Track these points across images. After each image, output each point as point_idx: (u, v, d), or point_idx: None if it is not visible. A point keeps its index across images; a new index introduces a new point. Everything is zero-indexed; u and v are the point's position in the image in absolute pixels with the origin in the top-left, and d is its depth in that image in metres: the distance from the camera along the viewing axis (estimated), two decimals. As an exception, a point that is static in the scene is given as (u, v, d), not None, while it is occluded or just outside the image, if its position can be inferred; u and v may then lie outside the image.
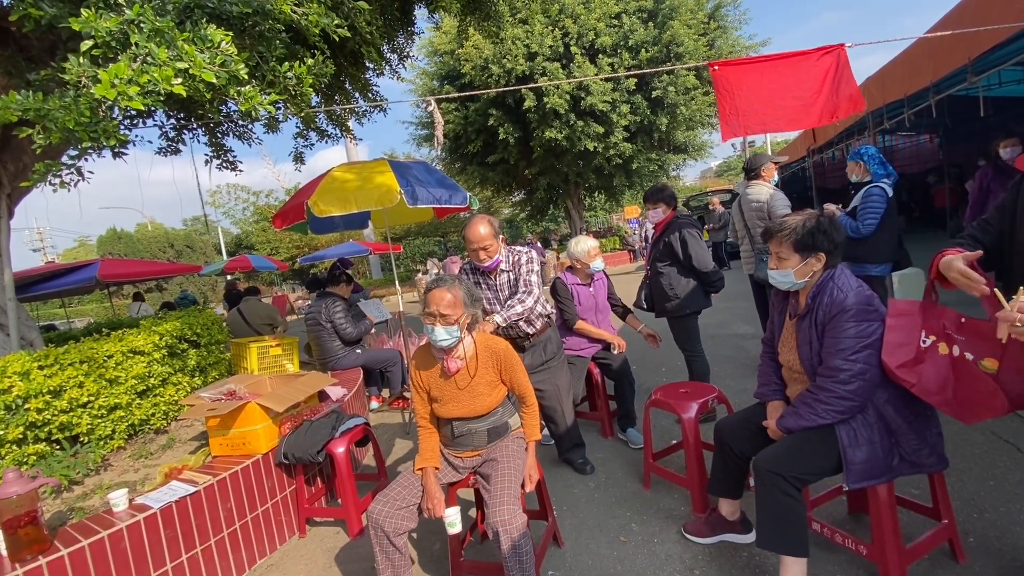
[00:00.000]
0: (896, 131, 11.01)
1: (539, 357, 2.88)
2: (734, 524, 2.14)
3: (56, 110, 2.17)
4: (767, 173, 3.88)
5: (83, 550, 1.94)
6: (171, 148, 4.73)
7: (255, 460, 2.58)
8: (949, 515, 1.87)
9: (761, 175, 3.88)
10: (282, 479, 2.73)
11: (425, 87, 15.45)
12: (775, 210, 3.68)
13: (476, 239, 2.65)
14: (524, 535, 1.77)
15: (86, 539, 1.96)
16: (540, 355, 2.89)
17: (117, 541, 2.02)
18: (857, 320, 1.68)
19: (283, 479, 2.74)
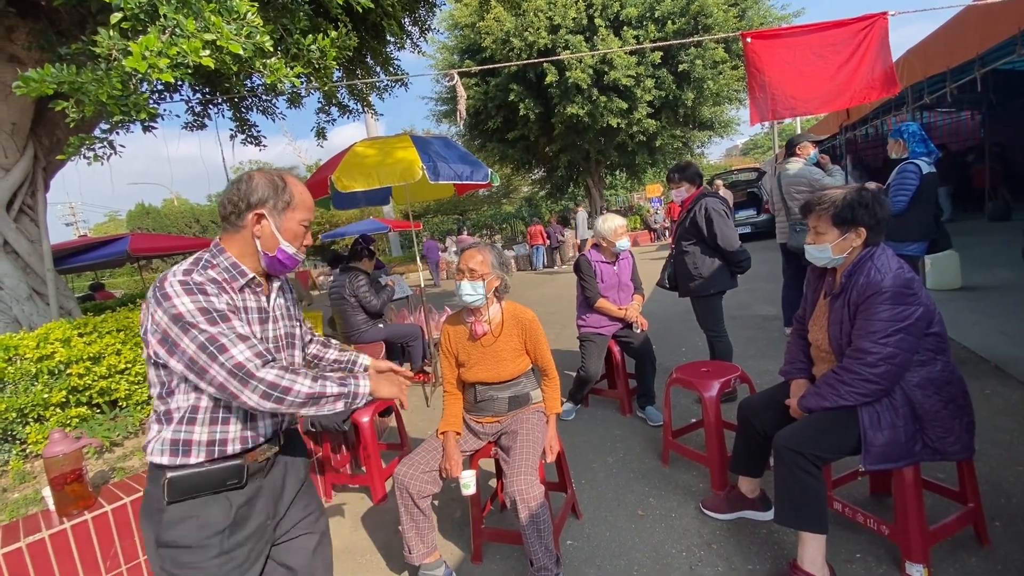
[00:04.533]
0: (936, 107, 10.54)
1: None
2: (753, 501, 2.15)
3: (89, 83, 2.21)
4: (803, 151, 4.17)
5: (125, 507, 2.05)
6: (197, 123, 4.81)
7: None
8: (976, 499, 1.85)
9: (797, 152, 4.17)
10: (309, 446, 2.82)
11: (445, 61, 15.24)
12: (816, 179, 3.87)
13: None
14: (542, 505, 1.81)
15: (128, 496, 2.07)
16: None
17: (156, 499, 2.12)
18: (892, 303, 1.63)
19: (310, 446, 2.83)
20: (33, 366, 2.50)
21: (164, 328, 1.11)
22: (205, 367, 1.10)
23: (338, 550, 2.37)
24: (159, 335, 1.11)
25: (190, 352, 1.10)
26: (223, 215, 1.27)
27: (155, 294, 1.13)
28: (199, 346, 1.10)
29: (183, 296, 1.13)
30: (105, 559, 2.00)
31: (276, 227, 1.28)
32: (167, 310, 1.11)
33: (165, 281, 1.14)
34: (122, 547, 2.03)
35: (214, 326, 1.12)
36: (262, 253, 1.29)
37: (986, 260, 6.00)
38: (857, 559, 1.86)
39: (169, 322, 1.10)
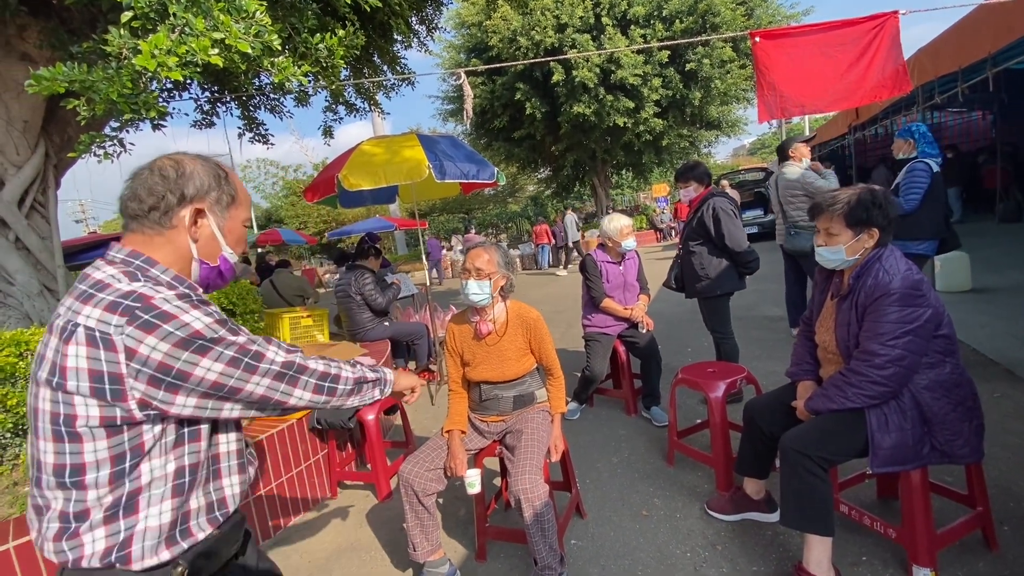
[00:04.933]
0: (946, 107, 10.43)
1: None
2: (759, 503, 2.14)
3: (100, 81, 2.23)
4: (795, 154, 4.16)
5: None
6: (206, 121, 4.84)
7: (289, 425, 2.68)
8: (984, 503, 1.83)
9: (790, 156, 4.17)
10: (315, 444, 2.84)
11: (452, 60, 15.25)
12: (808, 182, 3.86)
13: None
14: (546, 504, 1.81)
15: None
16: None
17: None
18: (901, 305, 1.61)
19: (316, 444, 2.85)
20: (43, 361, 2.53)
21: (161, 362, 0.84)
22: (239, 384, 0.92)
23: (343, 547, 2.40)
24: (149, 373, 0.84)
25: (212, 376, 0.88)
26: (134, 212, 0.96)
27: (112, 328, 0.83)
28: (229, 362, 0.90)
29: (193, 311, 0.88)
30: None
31: (218, 227, 1.03)
32: (169, 334, 0.85)
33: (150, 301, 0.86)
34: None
35: (237, 335, 0.92)
36: (198, 262, 1.01)
37: (997, 262, 5.94)
38: (863, 562, 1.85)
39: (173, 349, 0.85)
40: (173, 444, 0.92)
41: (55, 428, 0.85)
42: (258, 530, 2.48)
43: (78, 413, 0.84)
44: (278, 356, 0.96)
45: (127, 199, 0.97)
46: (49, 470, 0.86)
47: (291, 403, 1.00)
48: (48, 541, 0.87)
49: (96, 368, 0.83)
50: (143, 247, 0.96)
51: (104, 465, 0.86)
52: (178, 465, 0.93)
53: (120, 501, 0.88)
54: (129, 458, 0.87)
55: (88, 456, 0.85)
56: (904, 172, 3.46)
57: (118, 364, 0.83)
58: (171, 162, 0.99)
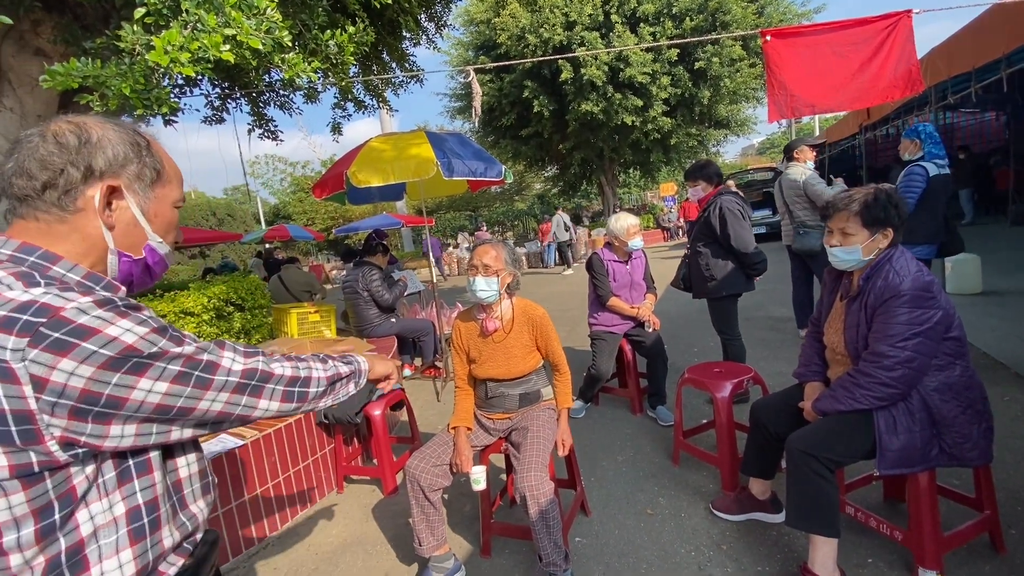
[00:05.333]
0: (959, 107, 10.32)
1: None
2: (764, 504, 2.14)
3: (113, 77, 2.25)
4: (800, 155, 4.17)
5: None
6: (216, 117, 4.88)
7: (296, 419, 2.70)
8: (992, 506, 1.82)
9: (795, 157, 4.18)
10: (322, 438, 2.86)
11: (460, 58, 15.26)
12: (810, 187, 3.90)
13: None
14: (551, 501, 1.82)
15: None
16: None
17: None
18: (911, 306, 1.61)
19: (323, 438, 2.87)
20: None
21: (84, 389, 0.66)
22: (190, 404, 0.75)
23: (349, 541, 2.42)
24: (70, 408, 0.66)
25: (155, 399, 0.71)
26: (22, 192, 0.74)
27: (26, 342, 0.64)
28: (175, 379, 0.72)
29: (121, 320, 0.69)
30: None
31: (141, 210, 0.82)
32: (92, 353, 0.66)
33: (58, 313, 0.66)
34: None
35: (181, 344, 0.74)
36: (116, 255, 0.81)
37: (1008, 264, 5.88)
38: (869, 564, 1.85)
39: (100, 372, 0.66)
40: (117, 482, 0.74)
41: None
42: (265, 523, 2.50)
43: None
44: (235, 364, 0.80)
45: (11, 174, 0.74)
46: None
47: (254, 416, 0.84)
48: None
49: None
50: (38, 238, 0.75)
51: (26, 523, 0.66)
52: (129, 506, 0.75)
53: (59, 561, 0.69)
54: (58, 509, 0.68)
55: (1, 515, 0.65)
56: (902, 175, 3.46)
57: (23, 399, 0.63)
58: (70, 126, 0.77)
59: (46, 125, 0.77)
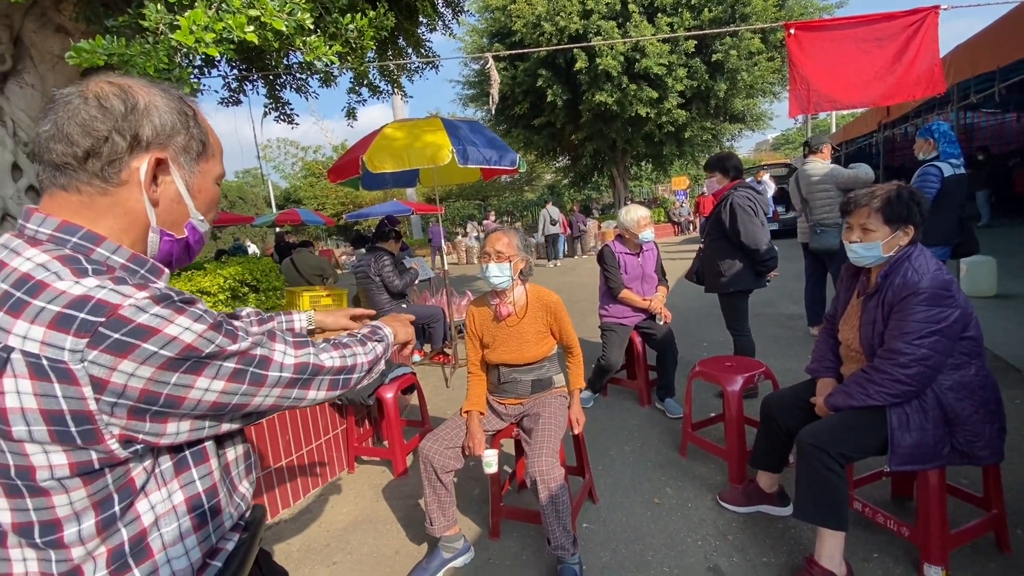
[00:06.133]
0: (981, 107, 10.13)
1: None
2: (771, 496, 2.16)
3: (137, 56, 2.27)
4: (826, 150, 4.13)
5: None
6: (233, 99, 4.89)
7: (310, 399, 2.75)
8: (1000, 506, 1.83)
9: (821, 151, 4.12)
10: (334, 418, 2.91)
11: (475, 44, 15.13)
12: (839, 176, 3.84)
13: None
14: (561, 486, 1.85)
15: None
16: None
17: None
18: (929, 304, 1.60)
19: (335, 419, 2.92)
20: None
21: (144, 389, 0.63)
22: (245, 401, 0.73)
23: (360, 519, 2.47)
24: (128, 407, 0.64)
25: (212, 397, 0.69)
26: (62, 160, 0.68)
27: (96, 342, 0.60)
28: (231, 376, 0.70)
29: (179, 318, 0.65)
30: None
31: (186, 185, 0.77)
32: (152, 355, 0.63)
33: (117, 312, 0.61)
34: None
35: (236, 340, 0.71)
36: (158, 233, 0.76)
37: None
38: (875, 558, 1.87)
39: (159, 372, 0.64)
40: (174, 472, 0.73)
41: (6, 482, 0.63)
42: (278, 499, 2.56)
43: (35, 464, 0.62)
44: (287, 358, 0.78)
45: (48, 138, 0.68)
46: (12, 531, 0.65)
47: (302, 406, 0.83)
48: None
49: (52, 407, 0.60)
50: (78, 215, 0.69)
51: (86, 516, 0.65)
52: (188, 494, 0.74)
53: (122, 551, 0.68)
54: (118, 501, 0.67)
55: (62, 511, 0.64)
56: (916, 175, 3.42)
57: (83, 400, 0.61)
58: (114, 88, 0.70)
59: (85, 85, 0.69)
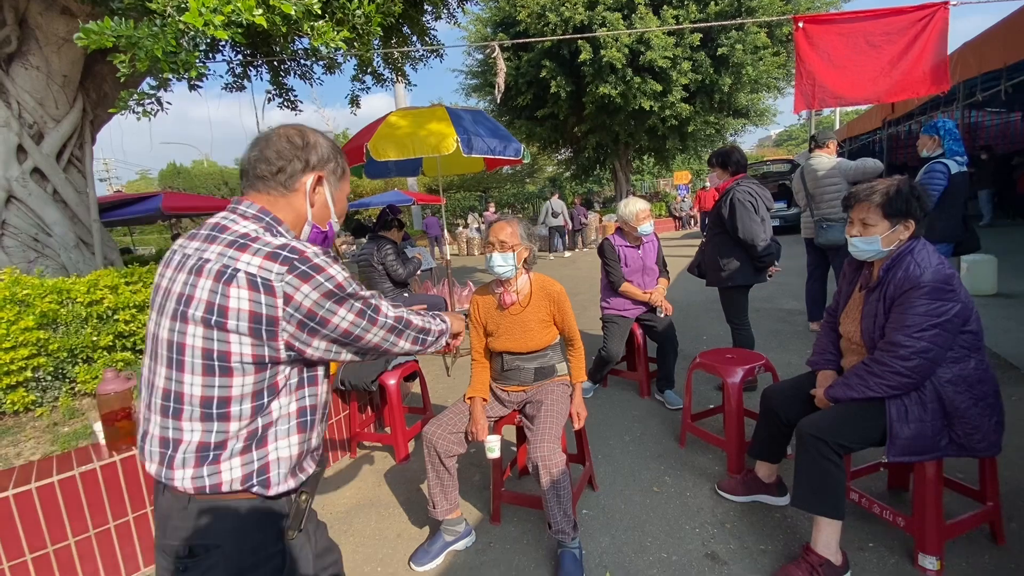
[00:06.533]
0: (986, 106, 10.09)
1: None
2: (770, 486, 2.19)
3: (145, 38, 2.27)
4: (832, 146, 4.12)
5: (169, 446, 2.17)
6: (237, 84, 4.87)
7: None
8: (995, 498, 1.86)
9: (827, 146, 4.11)
10: (337, 404, 2.93)
11: (478, 34, 15.01)
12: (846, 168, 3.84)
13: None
14: (563, 472, 1.88)
15: (171, 437, 2.19)
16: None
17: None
18: (930, 298, 1.62)
19: (338, 404, 2.94)
20: (84, 310, 2.63)
21: (310, 308, 0.93)
22: (362, 334, 1.02)
23: (362, 502, 2.50)
24: (299, 318, 0.93)
25: (345, 324, 0.98)
26: (262, 173, 1.03)
27: (285, 270, 0.92)
28: (358, 313, 1.00)
29: (335, 266, 0.98)
30: (150, 493, 2.13)
31: (331, 195, 1.13)
32: (318, 283, 0.94)
33: (304, 254, 0.94)
34: (165, 483, 2.16)
35: (362, 291, 1.02)
36: (311, 225, 1.10)
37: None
38: (870, 548, 1.90)
39: (321, 298, 0.94)
40: (295, 387, 1.00)
41: (207, 363, 0.91)
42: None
43: (233, 350, 0.91)
44: (390, 312, 1.07)
45: (256, 160, 1.05)
46: (196, 402, 0.92)
47: (395, 351, 1.12)
48: (182, 469, 0.93)
49: (257, 311, 0.91)
50: (269, 206, 1.04)
51: (247, 399, 0.94)
52: (299, 406, 1.01)
53: (256, 434, 0.96)
54: (266, 395, 0.95)
55: (235, 390, 0.92)
56: (922, 172, 3.42)
57: (276, 308, 0.91)
58: (296, 131, 1.08)
59: (278, 128, 1.08)
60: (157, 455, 0.95)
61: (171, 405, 0.93)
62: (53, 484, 1.91)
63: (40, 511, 1.89)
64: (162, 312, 0.96)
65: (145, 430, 0.99)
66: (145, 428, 0.99)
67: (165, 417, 0.94)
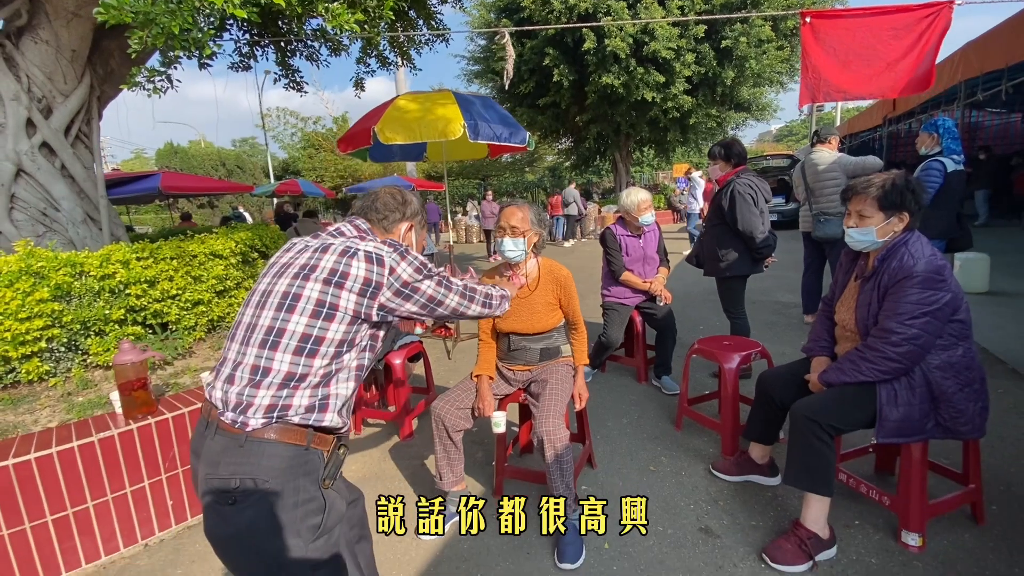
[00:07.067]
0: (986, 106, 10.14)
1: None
2: (762, 467, 2.28)
3: (162, 15, 2.29)
4: (834, 141, 4.18)
5: (183, 416, 2.24)
6: (243, 64, 4.86)
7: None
8: (977, 480, 1.95)
9: (829, 141, 4.18)
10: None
11: (482, 19, 14.90)
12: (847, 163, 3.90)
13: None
14: (566, 447, 1.96)
15: (185, 408, 2.26)
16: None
17: (209, 413, 2.31)
18: (922, 287, 1.70)
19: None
20: (96, 283, 2.68)
21: (406, 279, 1.24)
22: (443, 298, 1.34)
23: (367, 475, 2.58)
24: (397, 286, 1.23)
25: (430, 291, 1.30)
26: (373, 217, 1.42)
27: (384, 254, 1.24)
28: (437, 283, 1.32)
29: (420, 256, 1.35)
30: (165, 460, 2.20)
31: (415, 240, 1.52)
32: (411, 262, 1.27)
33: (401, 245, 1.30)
34: (180, 451, 2.23)
35: (437, 271, 1.36)
36: None
37: (1018, 267, 5.93)
38: (856, 525, 2.00)
39: (413, 272, 1.26)
40: (363, 348, 1.25)
41: (317, 309, 1.16)
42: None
43: (341, 304, 1.17)
44: (459, 282, 1.41)
45: (369, 208, 1.44)
46: (296, 337, 1.15)
47: (468, 314, 1.43)
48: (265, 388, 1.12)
49: (369, 276, 1.20)
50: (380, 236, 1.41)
51: (333, 344, 1.17)
52: (359, 363, 1.25)
53: (328, 375, 1.18)
54: (346, 346, 1.20)
55: (330, 334, 1.17)
56: (919, 169, 3.49)
57: (383, 275, 1.22)
58: (397, 191, 1.49)
59: (385, 188, 1.49)
60: (235, 393, 1.13)
61: (271, 339, 1.15)
62: (73, 449, 1.98)
63: (60, 475, 1.95)
64: (280, 275, 1.22)
65: (230, 372, 1.16)
66: (231, 371, 1.16)
67: (262, 348, 1.15)
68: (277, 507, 1.07)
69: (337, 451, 1.22)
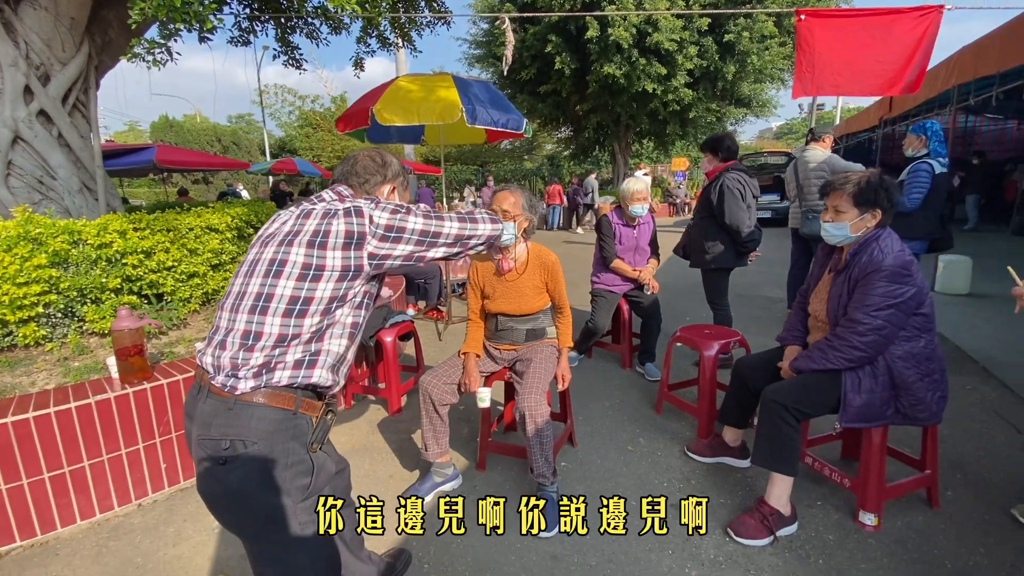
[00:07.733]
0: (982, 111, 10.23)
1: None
2: (734, 450, 2.39)
3: (165, -14, 2.31)
4: (828, 140, 4.26)
5: (178, 383, 2.31)
6: (242, 39, 4.85)
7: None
8: (933, 466, 2.07)
9: (823, 140, 4.25)
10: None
11: (484, 4, 14.76)
12: (836, 164, 3.99)
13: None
14: (547, 423, 2.05)
15: (180, 375, 2.33)
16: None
17: (203, 381, 2.38)
18: (889, 281, 1.79)
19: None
20: (94, 252, 2.72)
21: (387, 223, 1.21)
22: (439, 230, 1.29)
23: (356, 447, 2.66)
24: (381, 231, 1.21)
25: (419, 226, 1.25)
26: (355, 182, 1.39)
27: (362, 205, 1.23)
28: (425, 215, 1.28)
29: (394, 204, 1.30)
30: (159, 424, 2.28)
31: (399, 198, 1.51)
32: (384, 207, 1.24)
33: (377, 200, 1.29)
34: (174, 416, 2.31)
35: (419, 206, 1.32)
36: None
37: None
38: (818, 505, 2.11)
39: (390, 216, 1.22)
40: (355, 305, 1.26)
41: (303, 272, 1.17)
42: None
43: (327, 263, 1.18)
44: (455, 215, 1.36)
45: (349, 172, 1.41)
46: (284, 301, 1.16)
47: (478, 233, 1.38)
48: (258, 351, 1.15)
49: (351, 229, 1.19)
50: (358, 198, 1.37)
51: (323, 302, 1.18)
52: (353, 320, 1.26)
53: (319, 332, 1.19)
54: (336, 303, 1.20)
55: (318, 292, 1.17)
56: (907, 172, 3.56)
57: (364, 225, 1.20)
58: (376, 153, 1.46)
59: (364, 151, 1.45)
60: (228, 358, 1.16)
61: (260, 304, 1.17)
62: (71, 410, 2.05)
63: (58, 434, 2.02)
64: (266, 244, 1.23)
65: (221, 339, 1.19)
66: (222, 337, 1.19)
67: (252, 314, 1.17)
68: (266, 467, 1.12)
69: (325, 417, 1.25)
